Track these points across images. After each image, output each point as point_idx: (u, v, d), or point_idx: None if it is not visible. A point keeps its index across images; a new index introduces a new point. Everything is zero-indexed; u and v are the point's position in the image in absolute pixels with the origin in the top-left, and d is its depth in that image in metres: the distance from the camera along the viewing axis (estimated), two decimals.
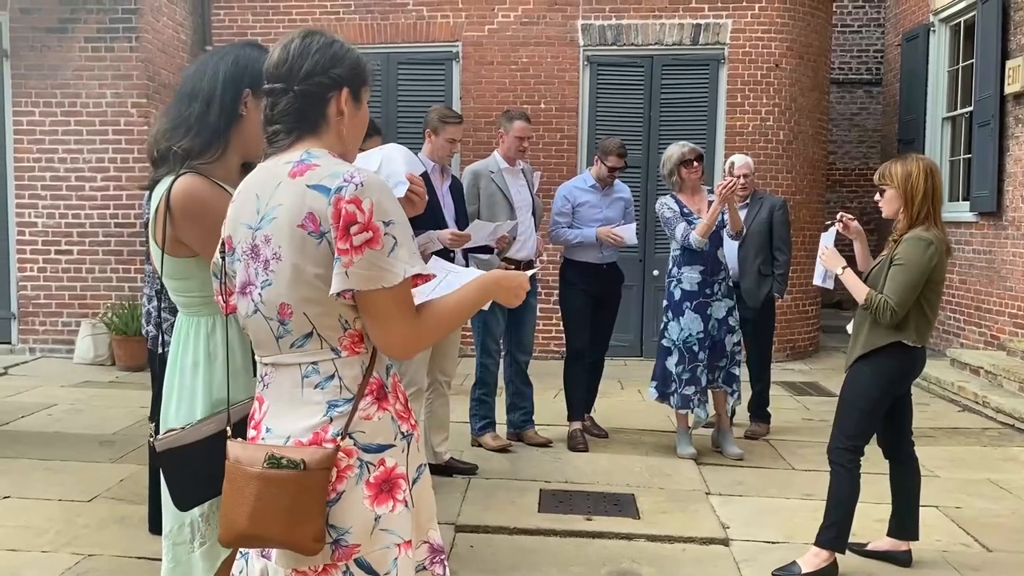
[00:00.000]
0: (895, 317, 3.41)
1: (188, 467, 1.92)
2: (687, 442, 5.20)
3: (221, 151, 2.11)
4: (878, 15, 12.28)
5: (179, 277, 2.10)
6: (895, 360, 3.50)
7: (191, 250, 2.06)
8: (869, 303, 3.45)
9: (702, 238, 4.93)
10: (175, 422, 2.03)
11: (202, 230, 2.00)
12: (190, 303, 2.12)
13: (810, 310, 9.18)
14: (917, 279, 3.40)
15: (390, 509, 1.67)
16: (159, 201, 2.07)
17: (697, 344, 5.04)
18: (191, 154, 2.07)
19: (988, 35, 8.06)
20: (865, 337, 3.52)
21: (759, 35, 8.50)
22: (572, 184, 5.57)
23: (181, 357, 2.09)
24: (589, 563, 3.68)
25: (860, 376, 3.55)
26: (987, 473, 4.99)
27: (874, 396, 3.53)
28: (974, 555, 3.82)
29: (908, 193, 3.45)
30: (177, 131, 2.10)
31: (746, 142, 8.44)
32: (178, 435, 1.93)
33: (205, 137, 2.09)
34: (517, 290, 1.84)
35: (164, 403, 2.10)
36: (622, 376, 7.56)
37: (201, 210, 2.01)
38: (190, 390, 2.06)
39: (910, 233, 3.45)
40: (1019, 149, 7.62)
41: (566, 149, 8.55)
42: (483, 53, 8.66)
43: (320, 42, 1.75)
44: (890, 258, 3.48)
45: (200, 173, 2.07)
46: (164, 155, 2.11)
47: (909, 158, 3.55)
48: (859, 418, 3.55)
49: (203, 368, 2.05)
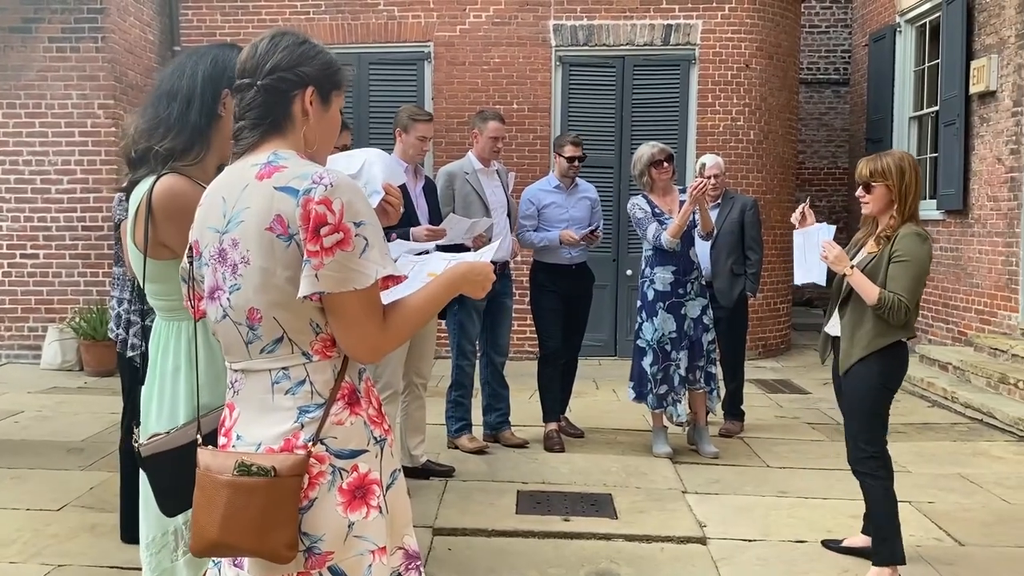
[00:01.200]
0: (908, 315, 3.31)
1: (174, 472, 1.88)
2: (663, 441, 5.21)
3: (203, 152, 2.08)
4: (845, 16, 12.40)
5: (159, 280, 2.07)
6: (897, 358, 3.42)
7: (173, 252, 2.03)
8: (883, 303, 3.30)
9: (673, 239, 4.94)
10: (158, 427, 2.00)
11: (185, 231, 1.95)
12: (170, 307, 2.08)
13: (781, 308, 9.24)
14: (923, 275, 3.33)
15: (364, 515, 1.64)
16: (139, 203, 2.03)
17: (671, 344, 5.06)
18: (173, 154, 2.04)
19: (953, 36, 8.17)
20: (868, 338, 3.37)
21: (729, 36, 8.55)
22: (536, 187, 5.54)
23: (161, 362, 2.06)
24: (568, 564, 3.67)
25: (866, 379, 3.40)
26: (957, 468, 5.04)
27: (884, 397, 3.43)
28: (947, 549, 3.86)
29: (903, 192, 3.37)
30: (156, 131, 2.06)
31: (717, 142, 8.48)
32: (163, 440, 1.90)
33: (186, 137, 2.06)
34: (484, 282, 1.80)
35: (144, 408, 2.07)
36: (596, 376, 7.57)
37: (184, 211, 1.97)
38: (171, 395, 2.03)
39: (905, 229, 3.37)
40: (984, 148, 7.73)
41: (539, 150, 8.54)
42: (455, 53, 8.63)
43: (289, 41, 1.73)
44: (888, 255, 3.35)
45: (182, 174, 2.04)
46: (143, 156, 2.07)
47: (896, 155, 3.45)
48: (875, 422, 3.44)
49: (184, 372, 2.02)
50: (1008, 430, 5.85)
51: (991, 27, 7.63)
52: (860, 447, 3.46)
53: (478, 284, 1.80)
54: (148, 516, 2.03)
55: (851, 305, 3.45)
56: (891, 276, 3.33)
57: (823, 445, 5.56)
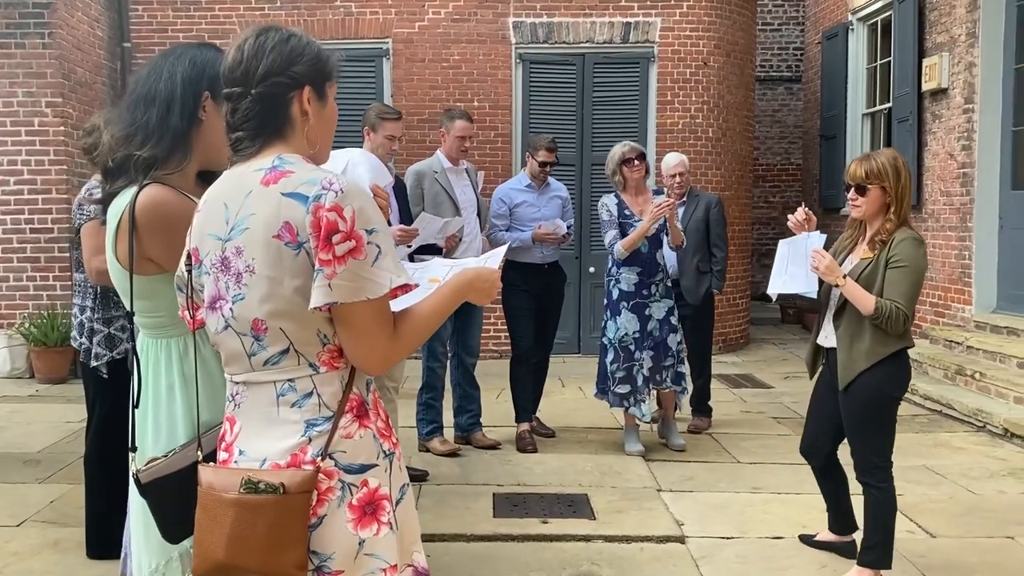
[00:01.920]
0: (908, 323, 3.18)
1: (177, 496, 1.78)
2: (634, 439, 5.23)
3: (185, 159, 1.97)
4: (797, 14, 12.58)
5: (145, 297, 1.96)
6: (900, 366, 3.29)
7: (159, 267, 1.92)
8: (880, 313, 3.16)
9: (624, 251, 5.00)
10: (156, 451, 1.89)
11: (172, 245, 1.86)
12: (159, 324, 1.98)
13: (740, 303, 9.34)
14: (921, 281, 3.22)
15: (374, 532, 1.59)
16: (120, 216, 1.93)
17: (633, 343, 5.08)
18: (155, 163, 1.93)
19: (905, 34, 8.33)
20: (869, 347, 3.24)
21: (687, 33, 8.60)
22: (508, 186, 5.52)
23: (154, 382, 1.95)
24: (549, 567, 3.64)
25: (871, 392, 3.27)
26: (921, 460, 5.13)
27: (892, 407, 3.34)
28: (919, 541, 3.92)
29: (899, 194, 3.23)
30: (134, 138, 1.95)
31: (677, 139, 8.53)
32: (163, 464, 1.80)
33: (168, 143, 1.95)
34: (490, 289, 1.76)
35: (140, 432, 1.96)
36: (562, 374, 7.56)
37: (170, 223, 1.88)
38: (168, 416, 1.93)
39: (901, 233, 3.23)
40: (937, 144, 7.89)
41: (500, 147, 8.50)
42: (414, 50, 8.54)
43: (276, 39, 1.65)
44: (885, 260, 3.22)
45: (164, 183, 1.94)
46: (122, 165, 1.96)
47: (886, 154, 3.30)
48: (885, 432, 3.35)
49: (180, 391, 1.93)
50: (967, 421, 5.98)
51: (942, 26, 7.79)
52: (869, 459, 3.34)
53: (484, 291, 1.76)
54: (150, 544, 1.92)
55: (846, 316, 3.31)
56: (889, 282, 3.20)
57: (790, 439, 5.60)
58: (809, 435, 3.68)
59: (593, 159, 8.46)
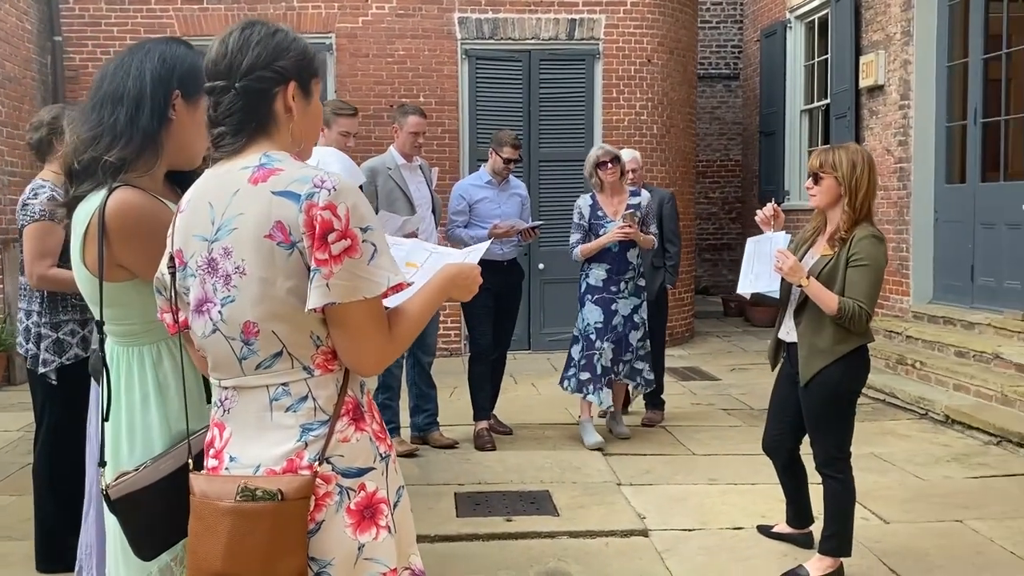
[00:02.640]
0: (869, 321, 3.22)
1: (149, 511, 1.71)
2: (591, 431, 5.31)
3: (155, 160, 1.90)
4: (735, 12, 12.79)
5: (115, 304, 1.88)
6: (861, 359, 3.35)
7: (129, 272, 1.85)
8: (843, 312, 3.18)
9: (582, 257, 5.25)
10: (131, 463, 1.81)
11: (144, 250, 1.79)
12: (130, 332, 1.90)
13: (685, 297, 9.47)
14: (881, 279, 3.24)
15: (373, 537, 1.56)
16: (88, 221, 1.84)
17: (595, 333, 5.22)
18: (124, 165, 1.85)
19: (843, 32, 8.54)
20: (829, 344, 3.27)
21: (631, 30, 8.67)
22: (468, 182, 5.50)
23: (126, 393, 1.87)
24: (517, 565, 3.63)
25: (831, 386, 3.31)
26: (869, 448, 5.26)
27: (851, 401, 3.39)
28: (874, 528, 4.02)
29: (852, 186, 3.24)
30: (102, 140, 1.87)
31: (622, 136, 8.60)
32: (133, 478, 1.72)
33: (138, 144, 1.87)
34: (472, 285, 1.74)
35: (112, 445, 1.87)
36: (514, 371, 7.54)
37: (143, 228, 1.81)
38: (143, 427, 1.85)
39: (862, 231, 3.24)
40: (874, 140, 8.11)
41: (448, 143, 8.45)
42: (358, 45, 8.43)
43: (261, 33, 1.61)
44: (846, 259, 3.24)
45: (134, 186, 1.86)
46: (88, 167, 1.87)
47: (850, 148, 3.33)
48: (844, 425, 3.40)
49: (155, 401, 1.86)
50: (910, 408, 6.16)
51: (878, 24, 8.00)
52: (829, 451, 3.40)
53: (466, 287, 1.74)
54: (128, 561, 1.84)
55: (807, 313, 3.33)
56: (850, 281, 3.22)
57: (741, 431, 5.71)
58: (771, 433, 3.72)
59: (541, 156, 8.48)
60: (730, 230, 12.86)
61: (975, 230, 7.07)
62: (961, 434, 5.56)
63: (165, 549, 1.78)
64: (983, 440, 5.37)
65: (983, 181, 7.08)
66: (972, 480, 4.68)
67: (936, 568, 3.58)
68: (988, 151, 7.11)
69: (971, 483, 4.64)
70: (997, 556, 3.69)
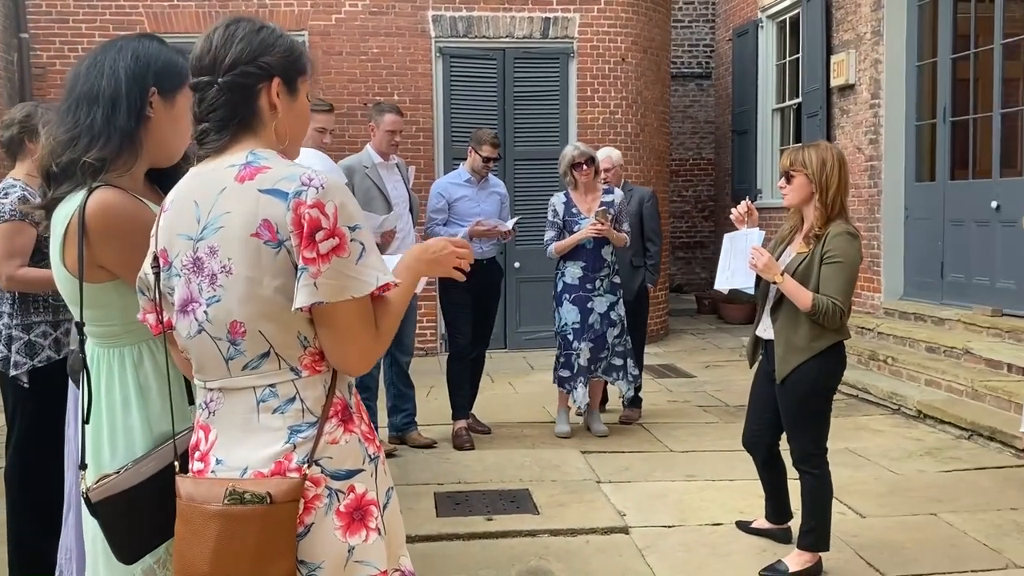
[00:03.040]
0: (844, 318, 3.24)
1: (130, 514, 1.69)
2: (563, 420, 5.48)
3: (134, 159, 1.88)
4: (707, 11, 12.86)
5: (96, 306, 1.85)
6: (835, 359, 3.37)
7: (110, 273, 1.83)
8: (817, 309, 3.20)
9: (556, 255, 5.33)
10: (113, 465, 1.79)
11: (125, 250, 1.77)
12: (111, 333, 1.87)
13: (660, 295, 9.50)
14: (855, 275, 3.26)
15: (363, 539, 1.55)
16: (68, 222, 1.82)
17: (572, 333, 5.28)
18: (104, 165, 1.83)
19: (814, 31, 8.62)
20: (805, 341, 3.29)
21: (605, 29, 8.69)
22: (447, 180, 5.49)
23: (107, 395, 1.85)
24: (498, 564, 3.62)
25: (807, 383, 3.34)
26: (844, 443, 5.30)
27: (827, 398, 3.42)
28: (851, 522, 4.06)
29: (823, 183, 3.27)
30: (79, 141, 1.84)
31: (597, 134, 8.62)
32: (115, 480, 1.70)
33: (116, 144, 1.85)
34: (441, 256, 1.68)
35: (93, 448, 1.84)
36: (490, 369, 7.50)
37: (125, 228, 1.78)
38: (124, 429, 1.83)
39: (836, 228, 3.27)
40: (845, 138, 8.20)
41: (422, 142, 8.41)
42: (331, 43, 8.37)
43: (246, 29, 1.60)
44: (820, 256, 3.26)
45: (115, 186, 1.84)
46: (67, 169, 1.84)
47: (821, 146, 3.36)
48: (821, 421, 3.44)
49: (136, 402, 1.83)
50: (882, 404, 6.23)
51: (848, 23, 8.09)
52: (806, 447, 3.43)
53: (436, 261, 1.69)
54: (109, 565, 1.81)
55: (783, 310, 3.36)
56: (824, 278, 3.24)
57: (718, 427, 5.75)
58: (750, 429, 3.75)
59: (516, 154, 8.47)
60: (703, 228, 12.94)
61: (945, 227, 7.17)
62: (933, 429, 5.64)
63: (147, 552, 1.76)
64: (955, 434, 5.45)
65: (952, 179, 7.18)
66: (945, 474, 4.75)
67: (912, 561, 3.63)
68: (957, 149, 7.21)
69: (944, 477, 4.70)
70: (971, 548, 3.74)
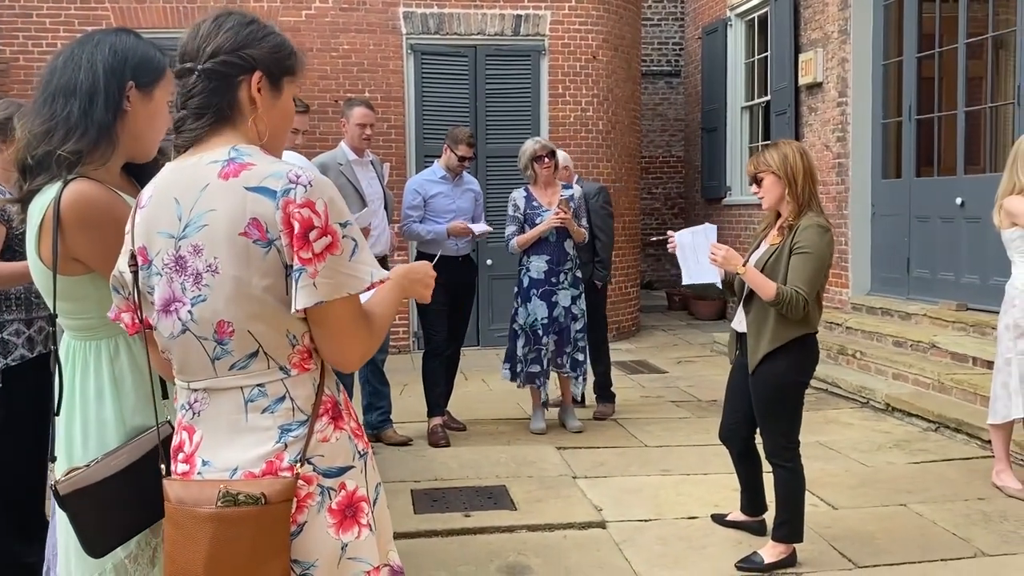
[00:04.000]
0: (808, 308, 3.25)
1: (100, 508, 1.68)
2: (539, 418, 5.48)
3: (110, 152, 1.87)
4: (676, 9, 12.95)
5: (71, 299, 1.84)
6: (807, 350, 3.40)
7: (85, 266, 1.82)
8: (780, 299, 3.22)
9: (518, 248, 5.34)
10: (85, 458, 1.78)
11: (100, 242, 1.76)
12: (87, 326, 1.86)
13: (631, 292, 9.57)
14: (824, 267, 3.30)
15: (356, 535, 1.55)
16: (43, 214, 1.81)
17: (542, 328, 5.31)
18: (80, 158, 1.82)
19: (782, 30, 8.72)
20: (772, 332, 3.32)
21: (576, 27, 8.71)
22: (422, 177, 5.48)
23: (81, 387, 1.84)
24: (476, 560, 3.64)
25: (776, 375, 3.36)
26: (814, 436, 5.38)
27: (797, 390, 3.44)
28: (823, 514, 4.12)
29: (789, 176, 3.32)
30: (55, 133, 1.83)
31: (568, 132, 8.65)
32: (84, 473, 1.69)
33: (92, 137, 1.84)
34: (424, 279, 1.75)
35: (66, 440, 1.84)
36: (463, 366, 7.44)
37: (100, 220, 1.78)
38: (97, 422, 1.82)
39: (806, 219, 3.32)
40: (813, 136, 8.31)
41: (394, 139, 8.39)
42: (300, 39, 8.28)
43: (234, 21, 1.59)
44: (789, 247, 3.30)
45: (91, 178, 1.83)
46: (43, 161, 1.83)
47: (779, 144, 3.43)
48: (791, 415, 3.46)
49: (110, 395, 1.82)
50: (851, 398, 6.33)
51: (816, 23, 8.19)
52: (780, 440, 3.46)
53: (419, 282, 1.74)
54: (80, 558, 1.79)
55: (755, 302, 3.40)
56: (792, 268, 3.27)
57: (691, 422, 5.80)
58: (726, 422, 3.79)
59: (488, 151, 8.47)
60: (673, 225, 12.92)
61: (911, 223, 7.30)
62: (901, 421, 5.74)
63: (118, 546, 1.75)
64: (922, 427, 5.55)
65: (918, 176, 7.31)
66: (914, 465, 4.84)
67: (883, 551, 3.69)
68: (922, 147, 7.34)
69: (913, 468, 4.79)
70: (940, 537, 3.82)
